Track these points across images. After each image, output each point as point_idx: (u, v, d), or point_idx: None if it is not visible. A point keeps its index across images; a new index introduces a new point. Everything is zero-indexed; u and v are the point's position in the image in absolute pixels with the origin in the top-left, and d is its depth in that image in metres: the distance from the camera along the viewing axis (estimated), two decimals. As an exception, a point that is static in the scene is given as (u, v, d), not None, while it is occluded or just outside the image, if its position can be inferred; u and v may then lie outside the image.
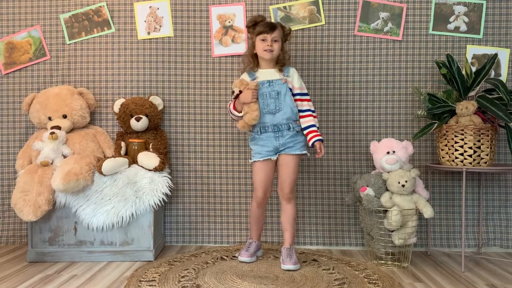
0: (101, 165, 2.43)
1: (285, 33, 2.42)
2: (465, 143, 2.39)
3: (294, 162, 2.36)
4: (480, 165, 2.40)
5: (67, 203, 2.44)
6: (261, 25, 2.36)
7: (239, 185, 2.81)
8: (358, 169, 2.78)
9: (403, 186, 2.34)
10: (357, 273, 2.24)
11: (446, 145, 2.46)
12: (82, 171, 2.38)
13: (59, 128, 2.61)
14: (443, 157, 2.49)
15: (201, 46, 2.82)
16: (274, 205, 2.78)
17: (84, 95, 2.74)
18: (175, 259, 2.45)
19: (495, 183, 2.77)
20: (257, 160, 2.38)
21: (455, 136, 2.41)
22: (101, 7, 2.83)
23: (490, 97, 2.39)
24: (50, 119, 2.68)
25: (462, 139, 2.39)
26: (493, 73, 2.74)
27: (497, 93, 2.40)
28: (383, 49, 2.78)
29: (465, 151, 2.39)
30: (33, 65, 2.87)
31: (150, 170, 2.52)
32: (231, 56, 2.81)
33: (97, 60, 2.85)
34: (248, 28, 2.42)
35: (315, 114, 2.40)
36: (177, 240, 2.83)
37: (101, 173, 2.44)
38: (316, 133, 2.35)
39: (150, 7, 2.81)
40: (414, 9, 2.76)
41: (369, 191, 2.38)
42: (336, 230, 2.79)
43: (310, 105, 2.40)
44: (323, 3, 2.77)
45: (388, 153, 2.45)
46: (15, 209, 2.36)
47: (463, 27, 2.75)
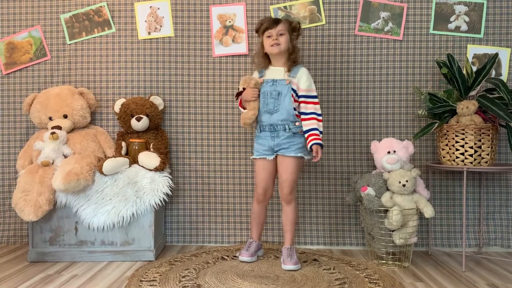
0: (102, 165, 2.43)
1: (293, 26, 2.38)
2: (466, 143, 2.38)
3: (292, 163, 2.33)
4: (480, 165, 2.40)
5: (68, 203, 2.44)
6: (265, 22, 2.36)
7: (239, 185, 2.81)
8: (358, 168, 2.78)
9: (404, 185, 2.34)
10: (358, 273, 2.24)
11: (446, 145, 2.46)
12: (82, 171, 2.38)
13: (59, 128, 2.61)
14: (443, 157, 2.49)
15: (201, 46, 2.82)
16: (274, 205, 2.77)
17: (84, 95, 2.74)
18: (176, 259, 2.45)
19: (495, 183, 2.77)
20: (255, 157, 2.41)
21: (456, 135, 2.41)
22: (101, 7, 2.83)
23: (490, 96, 2.39)
24: (50, 119, 2.68)
25: (462, 139, 2.39)
26: (493, 73, 2.74)
27: (498, 92, 2.40)
28: (383, 48, 2.77)
29: (466, 151, 2.39)
30: (33, 65, 2.87)
31: (150, 170, 2.52)
32: (231, 56, 2.81)
33: (98, 60, 2.85)
34: (256, 32, 2.42)
35: (320, 117, 2.32)
36: (177, 240, 2.83)
37: (102, 173, 2.44)
38: (315, 137, 2.28)
39: (150, 7, 2.82)
40: (414, 9, 2.76)
41: (370, 191, 2.38)
42: (336, 230, 2.79)
43: (316, 108, 2.32)
44: (323, 3, 2.77)
45: (388, 152, 2.45)
46: (16, 209, 2.36)
47: (464, 27, 2.75)
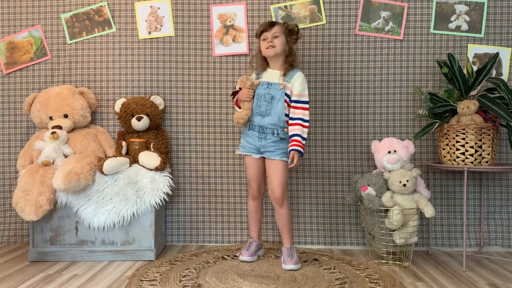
0: (102, 164, 2.43)
1: (289, 29, 2.37)
2: (466, 143, 2.38)
3: (279, 166, 2.33)
4: (481, 165, 2.40)
5: (68, 202, 2.44)
6: (261, 25, 2.36)
7: (240, 184, 2.81)
8: (359, 168, 2.78)
9: (404, 185, 2.34)
10: (358, 272, 2.24)
11: (447, 145, 2.46)
12: (83, 171, 2.38)
13: (60, 127, 2.61)
14: (444, 157, 2.49)
15: (202, 45, 2.82)
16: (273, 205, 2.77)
17: (85, 94, 2.74)
18: (176, 259, 2.45)
19: (496, 183, 2.76)
20: (241, 153, 2.44)
21: (457, 135, 2.40)
22: (102, 6, 2.83)
23: (491, 96, 2.38)
24: (51, 118, 2.68)
25: (463, 139, 2.39)
26: (494, 72, 2.73)
27: (499, 92, 2.40)
28: (384, 48, 2.77)
29: (467, 151, 2.39)
30: (34, 64, 2.87)
31: (151, 169, 2.52)
32: (232, 55, 2.81)
33: (98, 59, 2.85)
34: (257, 36, 2.41)
35: (306, 124, 2.29)
36: (178, 239, 2.83)
37: (102, 172, 2.44)
38: (296, 143, 2.25)
39: (151, 6, 2.81)
40: (415, 8, 2.76)
41: (370, 191, 2.38)
42: (337, 229, 2.79)
43: (304, 114, 2.29)
44: (324, 2, 2.77)
45: (389, 152, 2.45)
46: (16, 209, 2.37)
47: (464, 26, 2.75)
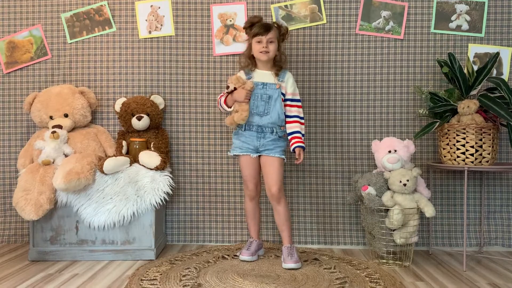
0: (103, 164, 2.43)
1: (281, 33, 2.42)
2: (467, 142, 2.38)
3: (277, 162, 2.37)
4: (481, 164, 2.39)
5: (69, 202, 2.44)
6: (256, 26, 2.36)
7: (240, 184, 2.81)
8: (359, 168, 2.78)
9: (405, 185, 2.34)
10: (358, 272, 2.24)
11: (447, 144, 2.46)
12: (83, 170, 2.38)
13: (60, 127, 2.61)
14: (444, 156, 2.49)
15: (202, 45, 2.82)
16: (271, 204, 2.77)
17: (85, 94, 2.74)
18: (177, 258, 2.45)
19: (496, 182, 2.76)
20: (237, 154, 2.43)
21: (457, 135, 2.40)
22: (102, 6, 2.83)
23: (492, 96, 2.38)
24: (51, 118, 2.68)
25: (463, 138, 2.39)
26: (495, 72, 2.73)
27: (499, 92, 2.39)
28: (384, 48, 2.77)
29: (467, 150, 2.39)
30: (34, 64, 2.87)
31: (151, 169, 2.52)
32: (232, 55, 2.80)
33: (98, 59, 2.85)
34: (245, 29, 2.43)
35: (303, 121, 2.42)
36: (178, 239, 2.83)
37: (103, 172, 2.44)
38: (298, 140, 2.37)
39: (151, 6, 2.81)
40: (415, 8, 2.75)
41: (371, 190, 2.38)
42: (337, 229, 2.79)
43: (299, 112, 2.41)
44: (324, 2, 2.77)
45: (389, 152, 2.45)
46: (16, 208, 2.37)
47: (465, 26, 2.75)
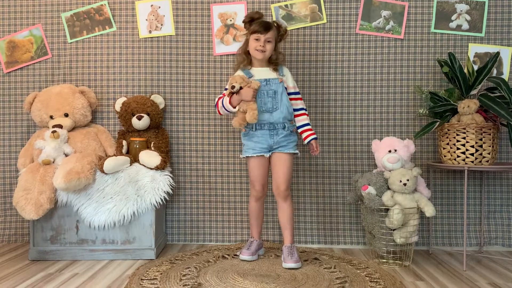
0: (103, 163, 2.43)
1: (280, 34, 2.43)
2: (467, 142, 2.38)
3: (288, 160, 2.38)
4: (482, 164, 2.39)
5: (69, 201, 2.44)
6: (256, 23, 2.36)
7: (240, 183, 2.81)
8: (359, 167, 2.78)
9: (405, 184, 2.34)
10: (358, 271, 2.24)
11: (448, 144, 2.46)
12: (83, 170, 2.39)
13: (60, 126, 2.61)
14: (444, 156, 2.49)
15: (202, 44, 2.82)
16: (274, 203, 2.76)
17: (85, 93, 2.74)
18: (177, 258, 2.45)
19: (497, 182, 2.76)
20: (250, 155, 2.40)
21: (457, 134, 2.40)
22: (102, 5, 2.83)
23: (492, 95, 2.38)
24: (51, 117, 2.68)
25: (464, 138, 2.39)
26: (495, 72, 2.73)
27: (499, 91, 2.39)
28: (384, 47, 2.77)
29: (467, 150, 2.39)
30: (34, 63, 2.87)
31: (151, 168, 2.52)
32: (232, 54, 2.80)
33: (99, 58, 2.85)
34: (244, 24, 2.43)
35: (307, 112, 2.49)
36: (178, 238, 2.83)
37: (103, 171, 2.44)
38: (311, 132, 2.45)
39: (151, 5, 2.81)
40: (416, 8, 2.75)
41: (371, 190, 2.38)
42: (337, 228, 2.79)
43: (303, 104, 2.49)
44: (324, 2, 2.77)
45: (389, 151, 2.45)
46: (17, 208, 2.37)
47: (465, 26, 2.75)
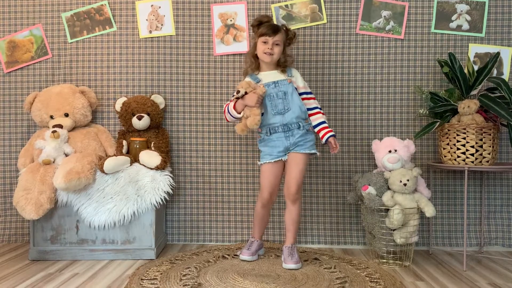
0: (103, 163, 2.43)
1: (289, 37, 2.41)
2: (467, 142, 2.38)
3: (303, 161, 2.34)
4: (482, 164, 2.39)
5: (69, 201, 2.44)
6: (264, 26, 2.34)
7: (240, 183, 2.81)
8: (359, 168, 2.78)
9: (405, 185, 2.34)
10: (358, 271, 2.24)
11: (448, 144, 2.46)
12: (83, 170, 2.39)
13: (61, 126, 2.61)
14: (445, 156, 2.49)
15: (202, 44, 2.82)
16: (276, 204, 2.77)
17: (86, 93, 2.74)
18: (177, 258, 2.45)
19: (497, 182, 2.76)
20: (267, 161, 2.35)
21: (457, 135, 2.40)
22: (102, 5, 2.83)
23: (492, 95, 2.38)
24: (52, 117, 2.69)
25: (464, 138, 2.39)
26: (495, 72, 2.73)
27: (499, 91, 2.39)
28: (385, 47, 2.77)
29: (467, 150, 2.39)
30: (35, 63, 2.87)
31: (151, 168, 2.52)
32: (232, 54, 2.81)
33: (99, 58, 2.85)
34: (253, 27, 2.41)
35: (322, 111, 2.44)
36: (178, 238, 2.83)
37: (103, 171, 2.44)
38: (328, 129, 2.40)
39: (151, 5, 2.81)
40: (416, 8, 2.75)
41: (371, 190, 2.38)
42: (337, 229, 2.79)
43: (316, 103, 2.44)
44: (324, 2, 2.77)
45: (390, 152, 2.45)
46: (17, 208, 2.37)
47: (465, 26, 2.75)
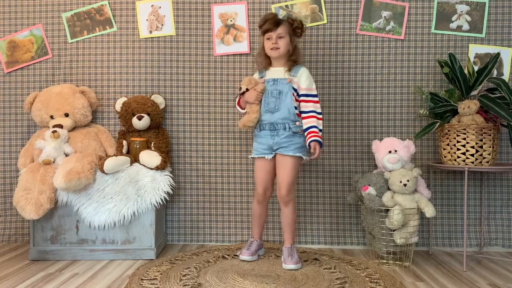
0: (103, 163, 2.43)
1: (294, 27, 2.35)
2: (467, 143, 2.38)
3: (290, 163, 2.31)
4: (482, 165, 2.39)
5: (69, 201, 2.44)
6: (266, 23, 2.33)
7: (240, 183, 2.81)
8: (360, 168, 2.78)
9: (405, 185, 2.34)
10: (358, 272, 2.24)
11: (448, 144, 2.46)
12: (84, 170, 2.39)
13: (61, 126, 2.61)
14: (445, 156, 2.49)
15: (202, 45, 2.82)
16: (276, 204, 2.77)
17: (86, 93, 2.74)
18: (177, 258, 2.45)
19: (497, 183, 2.76)
20: (254, 156, 2.41)
21: (457, 135, 2.40)
22: (103, 5, 2.83)
23: (492, 96, 2.38)
24: (52, 117, 2.69)
25: (464, 139, 2.39)
26: (495, 72, 2.73)
27: (500, 92, 2.40)
28: (385, 48, 2.77)
29: (467, 151, 2.39)
30: (35, 63, 2.87)
31: (151, 168, 2.52)
32: (232, 55, 2.81)
33: (99, 58, 2.85)
34: (260, 27, 2.38)
35: (320, 116, 2.31)
36: (178, 238, 2.83)
37: (103, 171, 2.44)
38: (314, 134, 2.27)
39: (152, 5, 2.81)
40: (416, 8, 2.75)
41: (371, 190, 2.38)
42: (337, 229, 2.79)
43: (315, 107, 2.32)
44: (325, 2, 2.77)
45: (390, 152, 2.45)
46: (17, 208, 2.37)
47: (466, 26, 2.75)
